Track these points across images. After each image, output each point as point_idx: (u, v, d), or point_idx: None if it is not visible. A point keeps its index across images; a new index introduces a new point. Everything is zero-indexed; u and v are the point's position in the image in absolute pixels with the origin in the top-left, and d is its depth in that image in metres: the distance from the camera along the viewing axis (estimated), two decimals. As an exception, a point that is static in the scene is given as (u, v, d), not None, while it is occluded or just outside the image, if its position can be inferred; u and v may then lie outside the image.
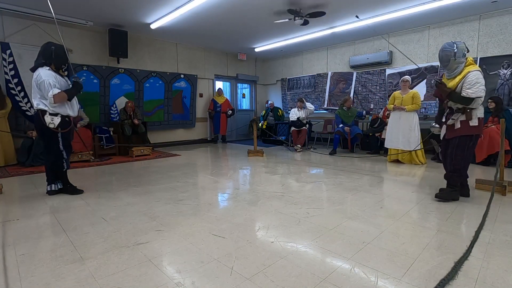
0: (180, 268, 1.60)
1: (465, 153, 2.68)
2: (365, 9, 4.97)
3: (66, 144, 3.01)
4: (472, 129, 2.61)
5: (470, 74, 2.50)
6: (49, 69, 2.83)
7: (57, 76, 2.85)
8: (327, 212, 2.50)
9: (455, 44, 2.57)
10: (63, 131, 2.92)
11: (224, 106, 7.78)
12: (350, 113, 6.06)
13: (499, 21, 4.96)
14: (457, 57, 2.55)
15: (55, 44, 2.91)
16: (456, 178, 2.76)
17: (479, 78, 2.48)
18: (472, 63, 2.60)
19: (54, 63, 2.87)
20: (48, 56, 2.83)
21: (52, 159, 2.98)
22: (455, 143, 2.71)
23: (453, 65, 2.61)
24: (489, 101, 4.52)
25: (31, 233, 2.09)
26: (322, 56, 7.75)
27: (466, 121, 2.62)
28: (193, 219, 2.35)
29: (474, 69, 2.53)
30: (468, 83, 2.50)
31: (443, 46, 2.65)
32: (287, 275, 1.52)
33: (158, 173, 4.16)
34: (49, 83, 2.74)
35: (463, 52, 2.56)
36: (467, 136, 2.64)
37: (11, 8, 4.58)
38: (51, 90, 2.74)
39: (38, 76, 2.77)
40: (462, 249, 1.78)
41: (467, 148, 2.67)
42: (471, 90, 2.49)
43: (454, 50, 2.54)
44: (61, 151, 2.96)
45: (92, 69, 5.87)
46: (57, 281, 1.48)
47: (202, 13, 5.03)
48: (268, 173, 4.16)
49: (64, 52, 2.93)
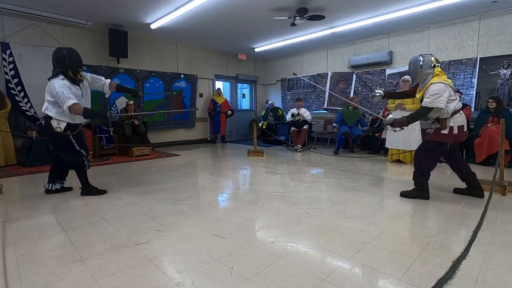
0: (180, 268, 1.60)
1: (425, 155, 2.79)
2: (365, 9, 4.97)
3: (80, 144, 2.98)
4: (440, 136, 2.72)
5: (431, 86, 2.61)
6: (63, 78, 2.73)
7: (71, 87, 2.76)
8: (327, 212, 2.50)
9: (421, 56, 2.72)
10: (72, 133, 2.88)
11: (224, 106, 7.78)
12: (355, 114, 6.03)
13: (499, 21, 4.96)
14: (424, 68, 2.68)
15: (66, 48, 2.82)
16: (416, 178, 2.86)
17: (439, 90, 2.55)
18: (439, 74, 2.67)
19: (71, 68, 2.77)
20: (62, 62, 2.73)
21: (73, 159, 2.95)
22: (422, 144, 2.90)
23: (421, 76, 2.73)
24: (490, 101, 4.52)
25: (31, 233, 2.10)
26: (322, 56, 7.75)
27: (439, 128, 2.73)
28: (193, 219, 2.35)
29: (437, 81, 2.60)
30: (428, 93, 2.61)
31: (412, 58, 2.81)
32: (287, 275, 1.53)
33: (158, 173, 4.16)
34: (62, 92, 2.65)
35: (429, 64, 2.67)
36: (433, 141, 2.76)
37: (11, 8, 4.58)
38: (66, 101, 2.65)
39: (52, 87, 2.68)
40: (462, 249, 1.78)
41: (431, 151, 2.78)
42: (428, 100, 2.59)
43: (420, 63, 2.69)
44: (79, 150, 2.94)
45: (92, 69, 5.86)
46: (57, 281, 1.48)
47: (202, 13, 5.03)
48: (268, 173, 4.16)
49: (76, 53, 2.84)
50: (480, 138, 4.48)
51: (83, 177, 3.06)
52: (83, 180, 3.06)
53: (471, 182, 2.87)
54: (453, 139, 2.70)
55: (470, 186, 2.89)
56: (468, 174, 2.86)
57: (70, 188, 3.22)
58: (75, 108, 2.69)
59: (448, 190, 3.13)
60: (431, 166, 2.81)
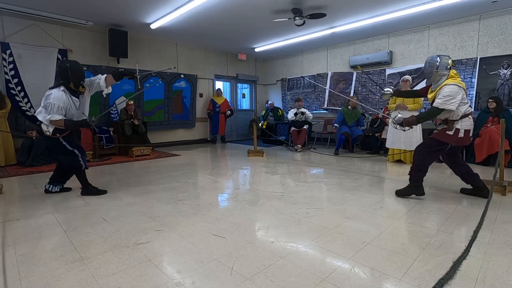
0: (180, 268, 1.60)
1: (425, 152, 2.79)
2: (365, 9, 4.97)
3: (73, 144, 2.99)
4: (444, 136, 2.71)
5: (445, 87, 2.59)
6: (63, 90, 2.80)
7: (69, 100, 2.83)
8: (327, 212, 2.50)
9: (439, 57, 2.69)
10: (61, 135, 2.91)
11: (223, 106, 7.78)
12: (354, 114, 6.04)
13: (499, 21, 4.96)
14: (440, 69, 2.66)
15: (69, 61, 2.93)
16: (413, 172, 2.85)
17: (452, 92, 2.54)
18: (454, 76, 2.65)
19: (73, 80, 2.84)
20: (65, 75, 2.81)
21: (67, 160, 2.98)
22: (425, 141, 2.90)
23: (436, 77, 2.71)
24: (490, 101, 4.52)
25: (31, 233, 2.10)
26: (322, 56, 7.75)
27: (445, 128, 2.73)
28: (193, 219, 2.35)
29: (451, 82, 2.59)
30: (441, 94, 2.59)
31: (428, 58, 2.77)
32: (287, 275, 1.52)
33: (158, 173, 4.16)
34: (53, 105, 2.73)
35: (446, 66, 2.65)
36: (436, 140, 2.76)
37: (11, 8, 4.58)
38: (51, 115, 2.74)
39: (48, 96, 2.77)
40: (462, 249, 1.77)
41: (431, 149, 2.77)
42: (440, 100, 2.58)
43: (437, 63, 2.66)
44: (71, 150, 2.96)
45: (92, 69, 5.86)
46: (57, 281, 1.48)
47: (202, 13, 5.03)
48: (268, 173, 4.16)
49: (79, 66, 2.91)
50: (480, 138, 4.48)
51: (82, 178, 3.07)
52: (82, 181, 3.07)
53: (475, 183, 2.86)
54: (456, 141, 2.69)
55: (475, 187, 2.87)
56: (471, 176, 2.85)
57: (69, 188, 3.23)
58: (56, 123, 2.79)
59: (448, 190, 3.13)
60: (428, 162, 2.81)
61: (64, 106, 2.79)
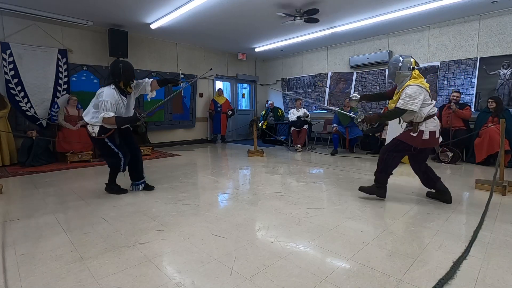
0: (180, 268, 1.60)
1: (389, 153, 2.75)
2: (365, 9, 4.97)
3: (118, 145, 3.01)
4: (408, 138, 2.67)
5: (407, 87, 2.57)
6: (114, 88, 2.86)
7: (119, 98, 2.88)
8: (327, 212, 2.50)
9: (401, 57, 2.68)
10: (106, 136, 2.93)
11: (225, 106, 7.78)
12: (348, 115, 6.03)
13: (499, 21, 4.96)
14: (402, 70, 2.65)
15: (122, 61, 2.97)
16: (377, 173, 2.83)
17: (414, 92, 2.53)
18: (416, 76, 2.64)
19: (123, 80, 2.90)
20: (118, 74, 2.87)
21: (110, 161, 3.06)
22: (391, 141, 2.84)
23: (399, 78, 2.69)
24: (490, 101, 4.52)
25: (31, 233, 2.10)
26: (322, 56, 7.75)
27: (410, 129, 2.70)
28: (193, 219, 2.35)
29: (413, 83, 2.58)
30: (403, 95, 2.58)
31: (391, 59, 2.77)
32: (287, 275, 1.52)
33: (158, 173, 4.16)
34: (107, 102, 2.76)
35: (409, 66, 2.63)
36: (399, 141, 2.73)
37: (11, 8, 4.58)
38: (104, 112, 2.76)
39: (101, 94, 2.83)
40: (462, 249, 1.78)
41: (396, 150, 2.74)
42: (402, 101, 2.56)
43: (399, 64, 2.65)
44: (116, 152, 3.00)
45: (92, 69, 5.87)
46: (57, 281, 1.48)
47: (202, 13, 5.03)
48: (268, 173, 4.16)
49: (131, 66, 2.96)
50: (480, 138, 4.48)
51: (112, 176, 3.13)
52: (111, 178, 3.14)
53: (437, 187, 2.79)
54: (421, 143, 2.63)
55: (438, 191, 2.81)
56: (433, 180, 2.79)
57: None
58: (108, 121, 2.81)
59: (448, 190, 3.13)
60: (393, 164, 2.77)
61: (115, 104, 2.84)
